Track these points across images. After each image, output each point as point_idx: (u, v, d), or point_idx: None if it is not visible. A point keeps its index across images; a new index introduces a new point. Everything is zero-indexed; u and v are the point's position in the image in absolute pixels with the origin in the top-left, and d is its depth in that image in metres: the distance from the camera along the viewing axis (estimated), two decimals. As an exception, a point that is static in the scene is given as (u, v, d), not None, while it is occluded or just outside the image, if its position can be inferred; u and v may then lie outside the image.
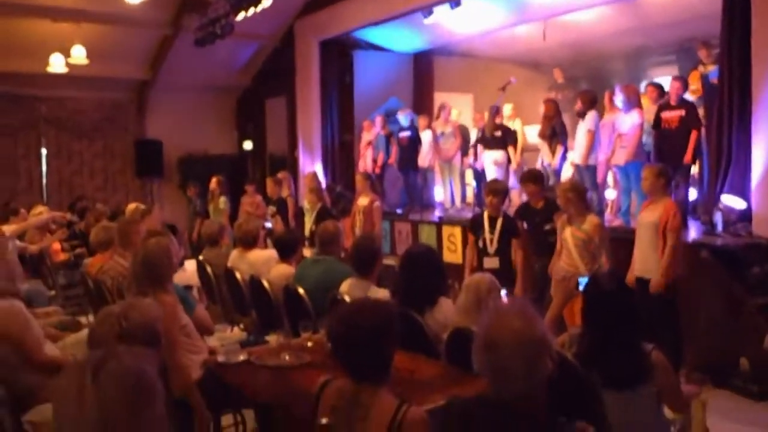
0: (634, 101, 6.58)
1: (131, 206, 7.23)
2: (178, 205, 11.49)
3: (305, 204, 7.68)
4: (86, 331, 4.37)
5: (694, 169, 6.65)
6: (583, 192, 4.83)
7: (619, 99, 6.58)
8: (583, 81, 10.70)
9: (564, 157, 7.52)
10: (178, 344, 3.18)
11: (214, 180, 8.91)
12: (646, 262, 4.65)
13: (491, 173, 8.01)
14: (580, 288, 2.85)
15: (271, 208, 8.06)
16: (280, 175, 8.81)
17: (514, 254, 5.15)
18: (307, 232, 7.13)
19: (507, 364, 1.67)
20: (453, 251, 7.17)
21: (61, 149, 11.38)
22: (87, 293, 5.08)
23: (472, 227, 5.38)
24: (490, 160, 8.10)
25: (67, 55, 9.25)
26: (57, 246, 6.83)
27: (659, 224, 4.55)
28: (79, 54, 9.18)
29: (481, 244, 5.20)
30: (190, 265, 5.89)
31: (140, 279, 3.30)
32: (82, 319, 5.54)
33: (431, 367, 2.98)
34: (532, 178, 5.42)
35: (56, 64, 9.36)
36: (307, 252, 6.20)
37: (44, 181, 11.21)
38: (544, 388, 1.71)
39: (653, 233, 4.57)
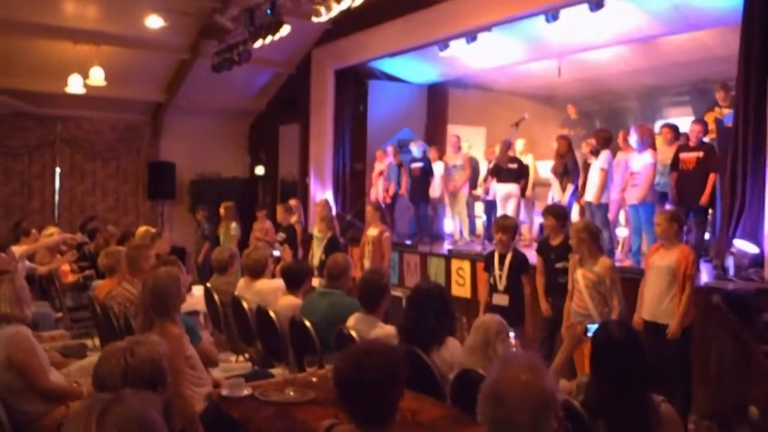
0: (648, 141, 6.59)
1: (141, 229, 7.26)
2: (188, 227, 11.55)
3: (315, 232, 7.69)
4: (91, 359, 4.38)
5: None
6: (597, 233, 4.79)
7: (633, 139, 6.59)
8: (597, 118, 10.74)
9: (574, 195, 7.50)
10: (183, 375, 3.17)
11: (223, 206, 8.94)
12: (659, 307, 4.60)
13: (503, 206, 8.01)
14: (589, 334, 2.81)
15: (281, 235, 8.07)
16: (291, 202, 8.84)
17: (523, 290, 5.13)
18: (316, 261, 7.13)
19: (512, 418, 1.64)
20: (461, 285, 7.13)
21: (74, 169, 11.49)
22: (94, 317, 5.08)
23: (486, 264, 5.38)
24: (502, 193, 8.09)
25: (85, 76, 9.41)
26: (66, 267, 6.86)
27: (676, 270, 4.52)
28: (97, 76, 9.34)
29: (492, 280, 5.21)
30: (198, 290, 5.88)
31: (148, 308, 3.29)
32: (88, 342, 5.55)
33: (434, 409, 2.93)
34: (553, 212, 5.39)
35: (74, 85, 9.51)
36: (315, 282, 6.18)
37: (56, 200, 11.32)
38: None
39: (669, 279, 4.54)
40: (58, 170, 11.32)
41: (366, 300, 3.77)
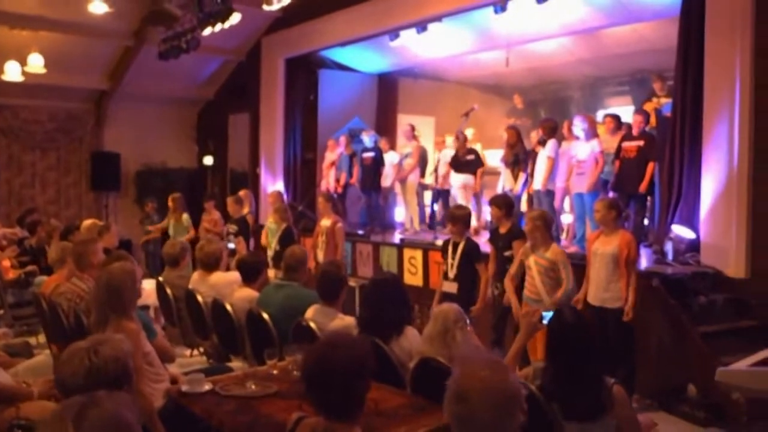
0: (593, 131, 6.82)
1: (87, 222, 7.05)
2: (134, 219, 11.30)
3: (269, 224, 7.61)
4: (39, 358, 4.28)
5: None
6: (551, 221, 4.94)
7: (579, 128, 6.78)
8: (542, 107, 11.00)
9: (525, 184, 7.70)
10: (141, 372, 3.13)
11: (171, 198, 8.76)
12: (605, 292, 4.78)
13: (462, 197, 8.15)
14: (544, 322, 2.92)
15: (232, 227, 7.97)
16: (241, 193, 8.74)
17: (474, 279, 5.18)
18: (270, 253, 7.08)
19: (475, 415, 1.66)
20: (414, 274, 7.22)
21: (11, 160, 11.06)
22: (40, 314, 4.93)
23: (442, 252, 5.44)
24: (459, 183, 8.22)
25: (23, 62, 9.04)
26: (7, 263, 6.61)
27: (619, 256, 4.69)
28: (36, 62, 8.99)
29: (444, 268, 5.29)
30: (147, 284, 5.77)
31: (102, 304, 3.23)
32: (32, 340, 5.39)
33: (395, 397, 2.98)
34: (496, 202, 5.51)
35: (11, 72, 9.12)
36: (270, 273, 6.15)
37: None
38: None
39: (612, 264, 4.71)
40: (-6, 162, 10.89)
41: (325, 292, 3.80)
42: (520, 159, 7.68)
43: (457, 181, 8.27)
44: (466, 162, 8.19)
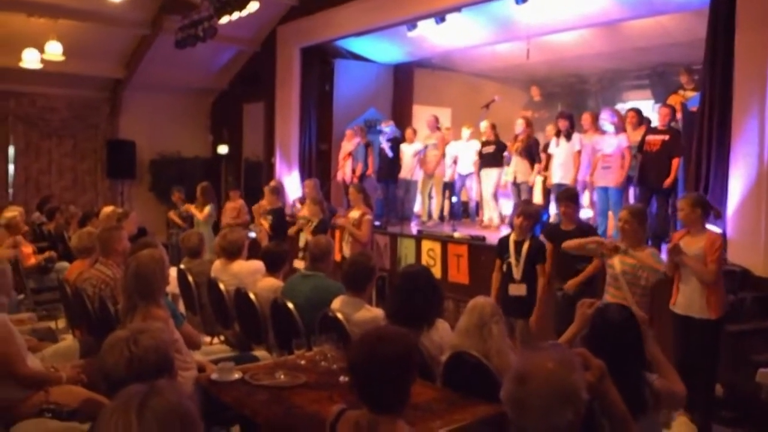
0: (622, 125, 6.74)
1: (107, 209, 7.04)
2: (147, 206, 11.32)
3: (305, 214, 7.19)
4: (65, 343, 4.28)
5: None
6: (644, 219, 4.37)
7: (608, 122, 6.70)
8: (559, 100, 10.89)
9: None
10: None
11: (199, 187, 8.56)
12: (693, 301, 4.28)
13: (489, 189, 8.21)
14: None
15: (267, 218, 7.71)
16: (273, 183, 8.53)
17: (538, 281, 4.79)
18: (303, 244, 6.82)
19: (529, 400, 1.65)
20: (432, 266, 7.15)
21: (29, 146, 11.12)
22: (63, 300, 4.93)
23: (499, 250, 5.04)
24: (486, 177, 8.23)
25: (41, 50, 9.03)
26: (28, 249, 6.60)
27: (706, 257, 4.20)
28: (54, 50, 8.98)
29: (505, 268, 4.89)
30: (172, 271, 5.76)
31: (131, 292, 3.20)
32: (51, 324, 5.39)
33: (428, 391, 2.94)
34: (571, 196, 5.00)
35: (30, 60, 9.12)
36: (301, 264, 6.00)
37: (10, 178, 10.91)
38: None
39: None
40: (11, 148, 10.90)
41: (353, 282, 3.75)
42: (533, 151, 7.65)
43: (483, 175, 8.21)
44: (486, 155, 8.11)
